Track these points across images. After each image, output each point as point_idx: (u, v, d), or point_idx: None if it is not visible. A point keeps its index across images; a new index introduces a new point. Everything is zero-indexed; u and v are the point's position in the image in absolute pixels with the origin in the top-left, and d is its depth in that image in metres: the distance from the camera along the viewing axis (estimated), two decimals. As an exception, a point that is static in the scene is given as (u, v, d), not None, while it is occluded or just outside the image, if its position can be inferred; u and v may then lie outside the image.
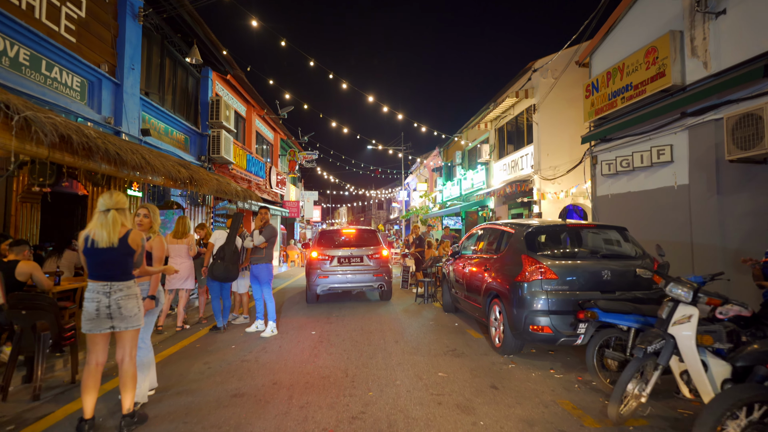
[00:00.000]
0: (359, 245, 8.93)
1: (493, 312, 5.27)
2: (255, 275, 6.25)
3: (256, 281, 6.28)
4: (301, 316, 7.50)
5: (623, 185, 8.77)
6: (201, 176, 7.45)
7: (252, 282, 6.38)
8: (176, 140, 9.90)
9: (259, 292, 6.30)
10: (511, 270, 4.89)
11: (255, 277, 6.26)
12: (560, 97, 12.22)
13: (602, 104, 9.10)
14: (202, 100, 11.13)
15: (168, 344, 5.62)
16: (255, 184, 15.20)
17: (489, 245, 6.07)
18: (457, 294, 6.91)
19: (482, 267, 5.73)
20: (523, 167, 13.57)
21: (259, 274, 6.21)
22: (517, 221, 5.58)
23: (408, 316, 7.41)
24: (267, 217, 6.31)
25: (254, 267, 6.22)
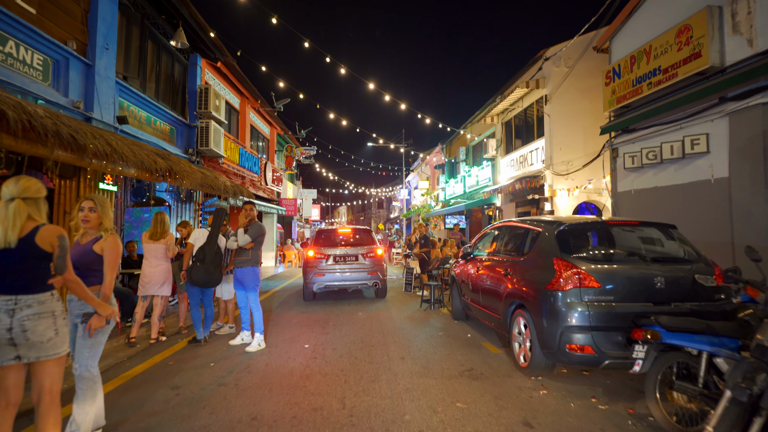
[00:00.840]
0: (355, 244, 9.12)
1: (517, 324, 4.48)
2: (239, 280, 5.48)
3: (241, 287, 5.51)
4: (294, 325, 6.72)
5: (649, 179, 7.98)
6: (182, 168, 6.66)
7: (236, 288, 5.61)
8: (160, 131, 9.10)
9: (244, 300, 5.53)
10: (539, 276, 4.10)
11: (239, 282, 5.49)
12: (574, 87, 11.43)
13: (625, 91, 8.31)
14: (190, 88, 10.33)
15: (136, 361, 4.83)
16: (249, 181, 14.41)
17: (509, 246, 5.29)
18: (469, 301, 6.13)
19: (501, 271, 4.94)
20: (533, 162, 12.78)
21: (243, 279, 5.43)
22: (543, 218, 4.80)
23: (414, 325, 6.62)
24: (253, 214, 5.52)
25: (238, 271, 5.44)
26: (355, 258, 8.75)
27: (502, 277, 4.90)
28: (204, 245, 5.46)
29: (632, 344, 3.25)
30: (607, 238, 4.38)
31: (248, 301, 5.44)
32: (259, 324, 5.39)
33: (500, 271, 4.98)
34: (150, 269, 5.44)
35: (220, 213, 5.58)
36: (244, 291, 5.46)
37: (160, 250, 5.47)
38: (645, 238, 4.62)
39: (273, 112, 14.96)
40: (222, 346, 5.44)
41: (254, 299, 5.43)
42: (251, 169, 13.54)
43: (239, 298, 5.56)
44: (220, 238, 5.68)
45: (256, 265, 5.53)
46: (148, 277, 5.43)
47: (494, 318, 5.11)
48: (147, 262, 5.47)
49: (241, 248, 5.40)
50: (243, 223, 5.40)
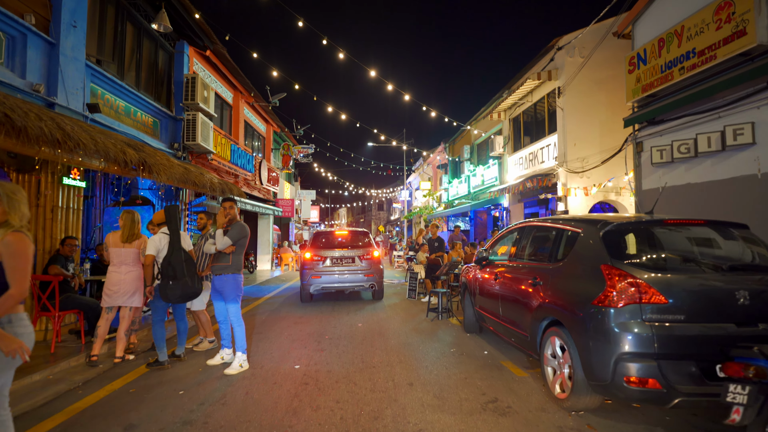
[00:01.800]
0: (352, 246, 9.16)
1: (551, 345, 3.68)
2: (218, 289, 4.68)
3: (220, 297, 4.72)
4: (284, 338, 5.92)
5: (680, 175, 7.20)
6: (158, 161, 5.88)
7: (214, 298, 4.80)
8: (141, 123, 8.32)
9: (224, 312, 4.73)
10: (582, 287, 3.31)
11: (218, 291, 4.70)
12: (589, 78, 10.67)
13: (652, 78, 7.53)
14: (177, 78, 9.55)
15: (92, 387, 4.03)
16: (243, 179, 13.63)
17: (535, 250, 4.49)
18: (485, 312, 5.33)
19: (528, 280, 4.14)
20: (544, 160, 12.00)
21: (223, 288, 4.63)
22: (581, 216, 4.01)
23: (421, 339, 5.82)
24: (233, 213, 4.72)
25: (217, 279, 4.64)
26: (351, 260, 8.80)
27: (528, 286, 4.11)
28: (168, 257, 4.59)
29: (725, 382, 2.45)
30: (663, 240, 3.58)
31: (228, 314, 4.65)
32: (241, 341, 4.60)
33: (526, 280, 4.19)
34: (118, 276, 4.63)
35: (172, 212, 4.69)
36: (223, 302, 4.67)
37: (132, 255, 4.67)
38: (699, 239, 3.82)
39: (268, 106, 14.19)
40: (198, 367, 4.64)
41: (236, 312, 4.64)
42: (245, 167, 12.75)
43: (218, 310, 4.77)
44: (183, 238, 4.79)
45: (238, 272, 4.75)
46: (116, 286, 4.62)
47: (518, 335, 4.31)
48: (115, 269, 4.66)
49: (221, 252, 4.61)
50: (222, 224, 4.61)
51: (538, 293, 3.90)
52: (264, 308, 8.48)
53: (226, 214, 4.64)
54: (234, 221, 4.68)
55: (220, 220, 4.60)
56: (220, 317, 4.74)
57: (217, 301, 4.74)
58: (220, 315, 4.74)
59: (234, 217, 4.68)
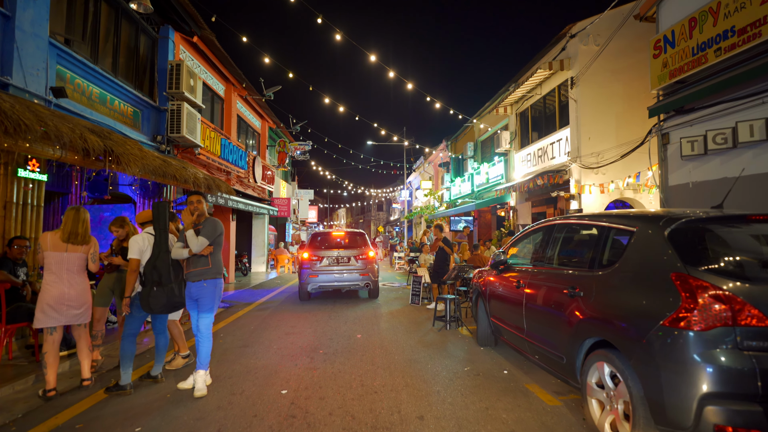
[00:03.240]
0: (348, 247, 9.52)
1: (596, 372, 2.96)
2: (194, 297, 3.97)
3: (195, 306, 3.99)
4: (273, 353, 5.18)
5: (714, 169, 6.49)
6: (128, 150, 5.14)
7: (190, 308, 4.06)
8: (119, 112, 7.58)
9: (196, 324, 4.01)
10: (644, 302, 2.59)
11: (193, 300, 3.97)
12: (604, 68, 9.95)
13: (681, 63, 6.82)
14: (161, 66, 8.82)
15: (32, 421, 3.30)
16: (236, 176, 12.89)
17: (570, 252, 3.77)
18: (503, 324, 4.60)
19: (562, 289, 3.41)
20: (555, 156, 11.28)
21: (202, 296, 3.93)
22: (631, 211, 3.27)
23: (429, 355, 5.09)
24: (201, 208, 4.02)
25: (194, 286, 3.93)
26: (347, 260, 9.14)
27: (563, 297, 3.38)
28: (153, 260, 3.93)
29: None
30: (746, 242, 2.85)
31: (198, 325, 3.94)
32: (206, 358, 3.95)
33: (560, 289, 3.46)
34: (60, 288, 3.78)
35: (161, 209, 4.03)
36: (194, 310, 3.98)
37: (77, 261, 3.91)
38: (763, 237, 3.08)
39: (261, 99, 13.46)
40: (165, 392, 3.90)
41: (209, 325, 3.95)
42: (237, 164, 12.01)
43: (194, 321, 4.04)
44: (172, 239, 4.15)
45: (219, 276, 4.05)
46: (56, 300, 3.78)
47: (547, 354, 3.58)
48: (54, 279, 3.78)
49: (195, 256, 3.89)
50: (190, 222, 3.89)
51: (578, 306, 3.17)
52: (254, 315, 7.74)
53: (193, 210, 3.95)
54: (203, 218, 3.98)
55: (188, 218, 3.88)
56: (195, 328, 4.00)
57: (193, 311, 4.03)
58: (195, 326, 4.01)
59: (202, 213, 3.97)
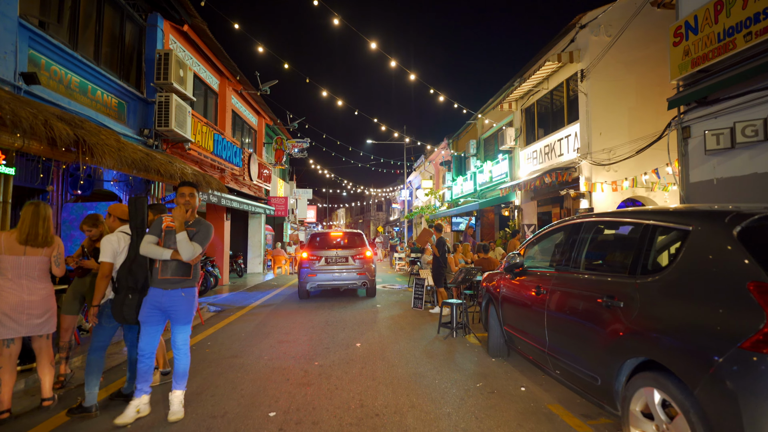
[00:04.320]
0: (346, 247, 9.80)
1: (642, 398, 2.47)
2: (165, 308, 3.38)
3: (160, 319, 3.39)
4: (263, 365, 4.69)
5: (743, 164, 6.01)
6: (103, 141, 4.64)
7: (148, 320, 3.38)
8: (102, 103, 7.08)
9: (153, 342, 3.37)
10: (710, 317, 2.10)
11: (163, 311, 3.39)
12: (616, 60, 9.47)
13: (705, 50, 6.34)
14: (149, 56, 8.32)
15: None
16: (230, 174, 12.40)
17: (603, 255, 3.29)
18: (520, 335, 4.12)
19: (595, 298, 2.93)
20: (563, 152, 10.80)
21: (175, 307, 3.38)
22: (682, 207, 2.78)
23: (435, 368, 4.60)
24: (194, 203, 3.49)
25: (168, 294, 3.36)
26: (345, 259, 9.41)
27: (596, 307, 2.89)
28: (128, 263, 3.45)
29: None
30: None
31: (175, 341, 3.42)
32: (183, 375, 3.45)
33: (592, 298, 2.98)
34: (19, 296, 3.29)
35: (138, 205, 3.54)
36: (159, 327, 3.38)
37: (38, 265, 3.41)
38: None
39: (257, 93, 12.96)
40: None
41: (186, 339, 3.45)
42: (231, 161, 11.51)
43: (146, 339, 3.35)
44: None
45: (195, 285, 3.54)
46: (15, 308, 3.27)
47: (577, 373, 3.10)
48: (11, 286, 3.28)
49: (178, 261, 3.36)
50: (182, 220, 3.33)
51: (617, 319, 2.68)
52: (246, 321, 7.24)
53: (185, 203, 3.37)
54: (194, 217, 3.46)
55: (180, 216, 3.31)
56: (148, 348, 3.36)
57: (152, 325, 3.36)
58: (149, 345, 3.36)
59: (194, 209, 3.44)
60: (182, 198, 3.42)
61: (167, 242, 3.32)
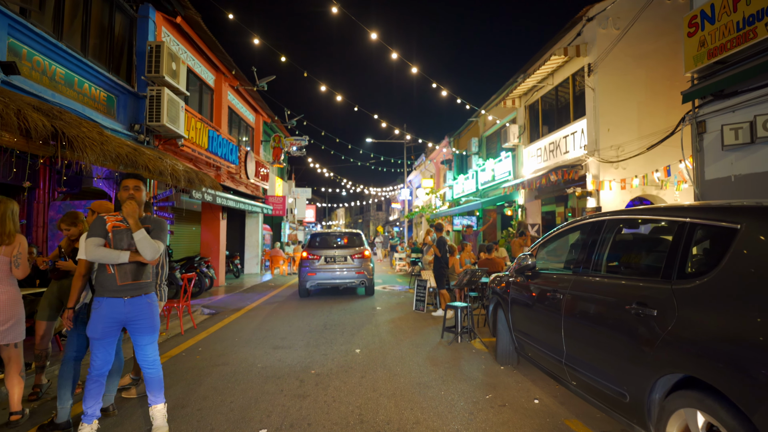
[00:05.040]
0: (344, 247, 10.12)
1: (684, 421, 2.16)
2: (126, 318, 2.97)
3: (114, 331, 2.96)
4: (255, 375, 4.37)
5: (764, 160, 5.70)
6: (83, 133, 4.32)
7: (99, 333, 2.91)
8: (90, 97, 6.77)
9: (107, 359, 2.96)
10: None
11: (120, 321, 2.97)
12: (625, 53, 9.16)
13: (723, 40, 6.03)
14: (140, 48, 8.00)
15: None
16: (226, 172, 12.08)
17: (629, 257, 2.98)
18: (533, 343, 3.81)
19: (623, 305, 2.62)
20: (569, 150, 10.50)
21: (141, 316, 3.00)
22: (728, 203, 2.46)
23: (441, 377, 4.28)
24: (141, 198, 3.09)
25: (130, 303, 2.97)
26: (344, 259, 9.69)
27: (625, 315, 2.58)
28: None
29: None
30: None
31: (145, 355, 3.08)
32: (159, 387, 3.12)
33: (619, 305, 2.66)
34: None
35: None
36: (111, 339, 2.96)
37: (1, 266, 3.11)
38: None
39: (253, 89, 12.63)
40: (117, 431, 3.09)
41: (156, 350, 3.13)
42: (227, 158, 11.19)
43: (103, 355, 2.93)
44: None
45: (153, 291, 3.21)
46: None
47: (601, 388, 2.78)
48: None
49: (138, 263, 3.02)
50: (136, 217, 2.97)
51: (650, 329, 2.37)
52: (240, 324, 6.92)
53: (129, 197, 2.99)
54: (140, 210, 3.09)
55: (134, 211, 2.97)
56: (104, 367, 2.94)
57: (106, 338, 2.92)
58: (105, 363, 2.94)
59: (141, 203, 3.09)
60: (126, 192, 3.01)
61: (118, 244, 2.95)
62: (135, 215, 2.95)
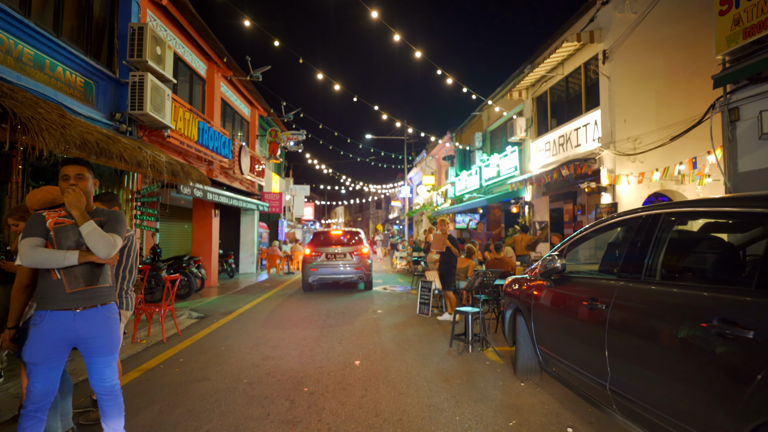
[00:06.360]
0: (345, 244, 10.67)
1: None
2: (78, 337, 2.36)
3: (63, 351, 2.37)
4: (238, 394, 3.80)
5: (809, 150, 5.12)
6: (40, 114, 3.73)
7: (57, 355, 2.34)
8: (64, 82, 6.17)
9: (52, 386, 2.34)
10: None
11: (73, 342, 2.38)
12: (642, 39, 8.56)
13: (762, 17, 5.44)
14: (122, 31, 7.40)
15: None
16: (219, 167, 11.49)
17: (700, 262, 2.40)
18: (564, 359, 3.23)
19: (696, 322, 2.05)
20: (581, 143, 9.92)
21: (97, 332, 2.40)
22: None
23: (454, 396, 3.71)
24: (87, 187, 2.47)
25: (83, 316, 2.36)
26: (344, 255, 10.28)
27: (702, 336, 2.01)
28: None
29: None
30: None
31: (102, 379, 2.48)
32: (118, 419, 2.52)
33: (691, 323, 2.09)
34: None
35: None
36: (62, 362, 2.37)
37: None
38: None
39: (247, 79, 12.02)
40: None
41: (115, 374, 2.52)
42: (219, 152, 10.60)
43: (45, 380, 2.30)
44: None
45: (114, 299, 2.60)
46: None
47: (667, 425, 2.20)
48: None
49: (92, 265, 2.44)
50: (82, 207, 2.37)
51: (741, 355, 1.80)
52: (229, 330, 6.35)
53: (69, 187, 2.38)
54: (91, 205, 2.52)
55: (77, 200, 2.36)
56: (46, 398, 2.32)
57: (49, 363, 2.30)
58: (48, 393, 2.32)
59: (89, 194, 2.51)
60: (66, 182, 2.40)
61: (62, 243, 2.36)
62: (80, 205, 2.36)
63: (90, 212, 2.49)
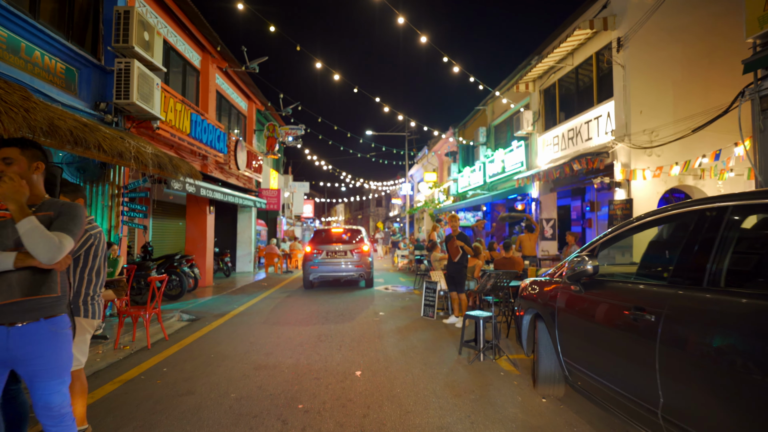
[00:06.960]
0: (345, 242, 10.67)
1: None
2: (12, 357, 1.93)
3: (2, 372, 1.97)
4: (223, 411, 3.37)
5: None
6: (12, 99, 3.28)
7: None
8: (43, 68, 5.72)
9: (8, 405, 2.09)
10: None
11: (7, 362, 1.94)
12: (658, 26, 8.11)
13: (800, -5, 4.99)
14: (107, 16, 6.94)
15: None
16: (214, 162, 11.06)
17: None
18: (595, 374, 2.80)
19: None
20: (592, 136, 9.48)
21: (35, 353, 1.96)
22: None
23: (468, 415, 3.28)
24: (24, 171, 2.02)
25: (19, 331, 1.92)
26: (345, 253, 10.34)
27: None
28: None
29: None
30: None
31: (49, 411, 2.03)
32: None
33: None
34: None
35: None
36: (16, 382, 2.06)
37: None
38: None
39: (242, 70, 11.55)
40: None
41: (63, 402, 2.07)
42: (213, 146, 10.15)
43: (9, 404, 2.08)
44: None
45: (66, 311, 2.14)
46: None
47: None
48: None
49: (31, 269, 1.99)
50: (21, 200, 1.90)
51: None
52: (221, 333, 5.91)
53: (6, 176, 1.92)
54: (40, 197, 2.09)
55: (15, 191, 1.91)
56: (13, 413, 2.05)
57: None
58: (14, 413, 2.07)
59: (29, 180, 2.08)
60: (4, 165, 1.99)
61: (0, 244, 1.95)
62: (18, 197, 1.92)
63: (35, 206, 2.05)
